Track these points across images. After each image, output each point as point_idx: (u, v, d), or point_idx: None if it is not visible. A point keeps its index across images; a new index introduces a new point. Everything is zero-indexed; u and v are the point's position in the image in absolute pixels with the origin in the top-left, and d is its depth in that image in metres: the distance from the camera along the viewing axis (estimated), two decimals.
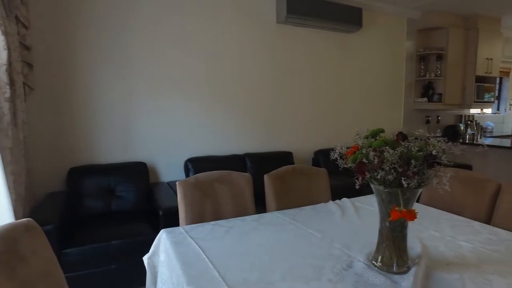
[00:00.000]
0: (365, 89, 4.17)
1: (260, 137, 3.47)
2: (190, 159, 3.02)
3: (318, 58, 3.74)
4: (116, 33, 2.75)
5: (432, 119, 4.90)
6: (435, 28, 4.49)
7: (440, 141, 0.97)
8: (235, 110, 3.32)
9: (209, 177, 1.76)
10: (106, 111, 2.77)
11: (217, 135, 3.26)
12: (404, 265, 1.11)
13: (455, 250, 1.29)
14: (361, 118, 4.14)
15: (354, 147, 1.06)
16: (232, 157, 3.16)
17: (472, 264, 1.17)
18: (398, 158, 0.93)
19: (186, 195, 1.68)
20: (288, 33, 3.52)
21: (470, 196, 1.85)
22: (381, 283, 1.03)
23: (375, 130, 1.06)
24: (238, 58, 3.28)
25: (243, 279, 1.06)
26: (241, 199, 1.78)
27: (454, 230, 1.49)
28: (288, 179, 1.88)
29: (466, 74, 4.71)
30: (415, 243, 1.32)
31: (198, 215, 1.69)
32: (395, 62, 4.41)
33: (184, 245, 1.34)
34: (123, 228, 2.28)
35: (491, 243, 1.35)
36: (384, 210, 1.06)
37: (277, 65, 3.50)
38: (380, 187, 1.01)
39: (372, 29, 4.09)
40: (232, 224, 1.55)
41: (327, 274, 1.08)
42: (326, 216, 1.66)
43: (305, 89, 3.70)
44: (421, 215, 1.69)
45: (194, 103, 3.12)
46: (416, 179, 0.95)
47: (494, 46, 4.76)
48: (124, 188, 2.66)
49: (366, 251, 1.23)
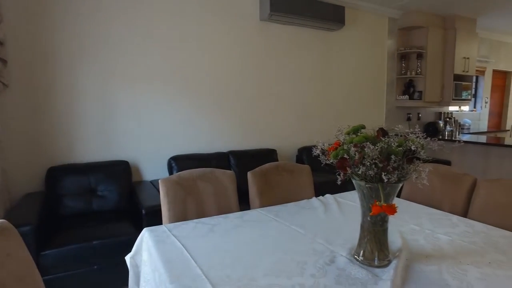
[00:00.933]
0: (348, 87, 4.22)
1: (244, 135, 3.47)
2: (173, 157, 2.99)
3: (301, 55, 3.76)
4: (96, 28, 2.68)
5: (413, 116, 5.01)
6: (415, 27, 4.59)
7: (419, 137, 0.99)
8: (219, 107, 3.30)
9: (192, 175, 1.75)
10: (86, 108, 2.71)
11: (201, 133, 3.23)
12: (385, 258, 1.13)
13: (433, 243, 1.32)
14: (344, 115, 4.19)
15: (335, 143, 1.07)
16: (216, 155, 3.14)
17: (450, 256, 1.21)
18: (379, 154, 0.95)
19: (168, 193, 1.66)
20: (272, 30, 3.52)
21: (448, 191, 1.90)
22: (362, 277, 1.05)
23: (356, 126, 1.07)
24: (222, 55, 3.26)
25: (226, 276, 1.06)
26: (225, 197, 1.77)
27: (433, 224, 1.53)
28: (272, 176, 1.89)
29: (444, 73, 4.84)
30: (396, 237, 1.35)
31: (181, 213, 1.67)
32: (377, 60, 4.48)
33: (167, 243, 1.32)
34: (104, 228, 2.24)
35: (467, 236, 1.39)
36: (366, 205, 1.07)
37: (261, 63, 3.49)
38: (362, 183, 1.02)
39: (355, 27, 4.14)
40: (215, 221, 1.54)
41: (310, 269, 1.09)
42: (309, 212, 1.67)
43: (289, 86, 3.72)
44: (402, 209, 1.74)
45: (178, 101, 3.09)
46: (396, 174, 0.97)
47: (470, 45, 4.91)
48: (106, 187, 2.61)
49: (348, 246, 1.25)
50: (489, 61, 6.13)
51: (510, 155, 3.74)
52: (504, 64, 6.47)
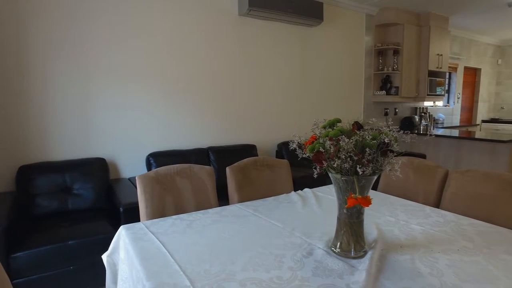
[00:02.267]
0: (327, 82, 4.27)
1: (224, 130, 3.45)
2: (152, 154, 2.94)
3: (281, 51, 3.77)
4: (69, 24, 2.58)
5: (390, 111, 5.13)
6: (391, 24, 4.69)
7: (392, 130, 1.02)
8: (198, 103, 3.27)
9: (170, 171, 1.72)
10: (61, 104, 2.62)
11: (180, 129, 3.19)
12: (361, 249, 1.15)
13: (407, 233, 1.36)
14: (323, 110, 4.24)
15: (312, 137, 1.08)
16: (196, 151, 3.11)
17: (422, 245, 1.25)
18: (354, 147, 0.96)
19: (146, 189, 1.64)
20: (250, 26, 3.50)
21: (422, 183, 1.96)
22: (339, 268, 1.07)
23: (332, 120, 1.09)
24: (200, 50, 3.22)
25: (204, 271, 1.06)
26: (203, 192, 1.76)
27: (408, 215, 1.58)
28: (250, 171, 1.89)
29: (420, 69, 4.98)
30: (372, 229, 1.39)
31: (159, 210, 1.65)
32: (355, 56, 4.56)
33: (144, 240, 1.30)
34: (81, 227, 2.18)
35: (438, 225, 1.44)
36: (342, 197, 1.09)
37: (240, 58, 3.48)
38: (337, 176, 1.04)
39: (333, 23, 4.19)
40: (194, 217, 1.53)
41: (287, 262, 1.10)
42: (288, 206, 1.69)
43: (268, 81, 3.72)
44: (379, 202, 1.78)
45: (156, 96, 3.03)
46: (371, 167, 0.99)
47: (443, 43, 5.07)
48: (82, 186, 2.54)
49: (325, 238, 1.27)
50: (461, 58, 6.35)
51: (479, 148, 3.90)
52: (474, 61, 6.73)
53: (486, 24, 5.71)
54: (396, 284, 0.98)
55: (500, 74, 7.40)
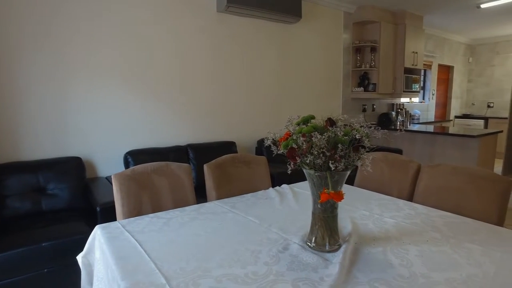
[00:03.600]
0: (306, 79, 4.31)
1: (203, 128, 3.43)
2: (130, 152, 2.89)
3: (260, 48, 3.78)
4: (45, 17, 2.49)
5: (368, 107, 5.24)
6: (368, 22, 4.78)
7: (363, 126, 1.05)
8: (176, 100, 3.23)
9: (147, 169, 1.70)
10: (34, 102, 2.53)
11: (158, 127, 3.15)
12: (336, 243, 1.18)
13: (381, 226, 1.41)
14: (302, 107, 4.28)
15: (286, 134, 1.09)
16: (174, 149, 3.09)
17: (394, 237, 1.29)
18: (326, 143, 0.98)
19: (122, 188, 1.61)
20: (229, 22, 3.49)
21: (396, 177, 2.02)
22: (313, 262, 1.09)
23: (306, 117, 1.10)
24: (178, 47, 3.18)
25: (180, 269, 1.06)
26: (181, 190, 1.75)
27: (381, 209, 1.62)
28: (228, 168, 1.89)
29: (396, 66, 5.11)
30: (346, 223, 1.42)
31: (136, 208, 1.63)
32: (333, 53, 4.62)
33: (120, 239, 1.29)
34: (55, 228, 2.12)
35: (410, 218, 1.49)
36: (316, 193, 1.11)
37: (218, 55, 3.46)
38: (311, 171, 1.06)
39: (312, 20, 4.22)
40: (171, 215, 1.53)
41: (263, 258, 1.12)
42: (266, 202, 1.70)
43: (247, 78, 3.72)
44: (354, 196, 1.82)
45: (134, 94, 2.98)
46: (343, 162, 1.02)
47: (418, 41, 5.21)
48: (57, 186, 2.47)
49: (301, 233, 1.29)
50: (435, 56, 6.55)
51: (452, 142, 4.05)
52: (448, 59, 6.96)
53: (458, 24, 5.92)
54: (368, 276, 1.01)
55: (471, 72, 7.69)
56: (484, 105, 7.42)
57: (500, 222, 1.51)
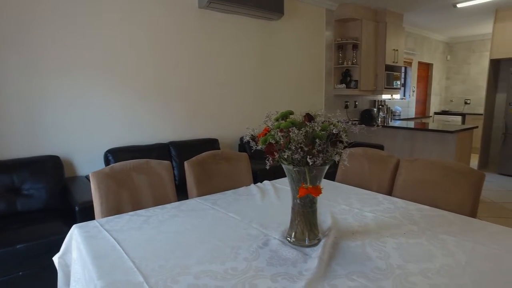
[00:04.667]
0: (289, 76, 4.33)
1: (185, 125, 3.40)
2: (110, 150, 2.84)
3: (242, 44, 3.76)
4: (16, 8, 2.40)
5: (350, 104, 5.31)
6: (350, 19, 4.83)
7: (340, 121, 1.06)
8: (159, 97, 3.19)
9: (126, 167, 1.67)
10: (8, 98, 2.44)
11: (140, 124, 3.10)
12: (315, 238, 1.19)
13: (360, 220, 1.43)
14: (285, 103, 4.30)
15: (265, 129, 1.09)
16: (156, 146, 3.04)
17: (373, 231, 1.31)
18: (304, 138, 0.99)
19: (100, 186, 1.58)
20: (211, 19, 3.46)
21: (376, 172, 2.05)
22: (293, 256, 1.10)
23: (284, 112, 1.11)
24: (159, 44, 3.13)
25: (159, 267, 1.04)
26: (161, 188, 1.73)
27: (361, 203, 1.65)
28: (209, 165, 1.88)
29: (377, 63, 5.19)
30: (327, 217, 1.44)
31: (115, 207, 1.60)
32: (316, 50, 4.65)
33: (98, 238, 1.26)
34: (31, 230, 2.06)
35: (389, 211, 1.52)
36: (295, 188, 1.12)
37: (200, 52, 3.43)
38: (290, 167, 1.06)
39: (294, 17, 4.23)
40: (151, 213, 1.51)
41: (243, 254, 1.11)
42: (247, 199, 1.70)
43: (230, 75, 3.71)
44: (335, 191, 1.84)
45: (114, 90, 2.91)
46: (321, 157, 1.02)
47: (398, 38, 5.31)
48: (33, 186, 2.40)
49: (282, 228, 1.30)
50: (415, 54, 6.69)
51: (431, 138, 4.16)
52: (427, 57, 7.12)
53: (436, 22, 6.06)
54: (346, 269, 1.02)
55: (450, 70, 7.89)
56: (462, 101, 7.64)
57: (473, 214, 1.56)
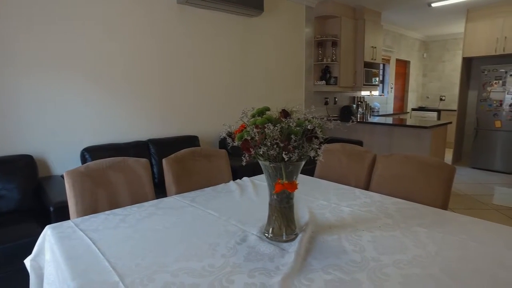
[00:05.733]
0: (269, 73, 4.34)
1: (165, 122, 3.36)
2: (87, 149, 2.77)
3: (222, 41, 3.74)
4: None
5: (330, 100, 5.38)
6: (329, 17, 4.88)
7: (315, 117, 1.07)
8: (137, 95, 3.13)
9: (102, 165, 1.64)
10: None
11: (118, 122, 3.04)
12: (292, 233, 1.21)
13: (337, 215, 1.45)
14: (265, 100, 4.31)
15: (241, 126, 1.09)
16: (135, 144, 2.99)
17: (349, 224, 1.34)
18: (279, 134, 0.99)
19: (75, 185, 1.54)
20: (190, 14, 3.42)
21: (354, 167, 2.09)
22: (270, 252, 1.11)
23: (261, 109, 1.11)
24: (137, 40, 3.07)
25: (135, 265, 1.03)
26: (139, 186, 1.70)
27: (339, 198, 1.67)
28: (188, 162, 1.87)
29: (356, 60, 5.27)
30: (304, 213, 1.45)
31: (91, 206, 1.56)
32: (296, 47, 4.67)
33: (73, 239, 1.23)
34: (3, 232, 1.99)
35: (365, 206, 1.56)
36: (272, 184, 1.13)
37: (180, 48, 3.39)
38: (266, 163, 1.07)
39: (274, 14, 4.24)
40: (128, 212, 1.48)
41: (221, 250, 1.12)
42: (226, 196, 1.70)
43: (210, 72, 3.68)
44: (314, 187, 1.87)
45: (91, 87, 2.84)
46: (297, 153, 1.03)
47: (377, 36, 5.41)
48: (4, 186, 2.31)
49: (260, 224, 1.31)
50: (393, 51, 6.84)
51: (408, 133, 4.27)
52: (405, 54, 7.29)
53: (412, 21, 6.21)
54: (322, 262, 1.04)
55: (426, 67, 8.12)
56: (437, 98, 7.88)
57: (445, 206, 1.62)
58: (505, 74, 4.98)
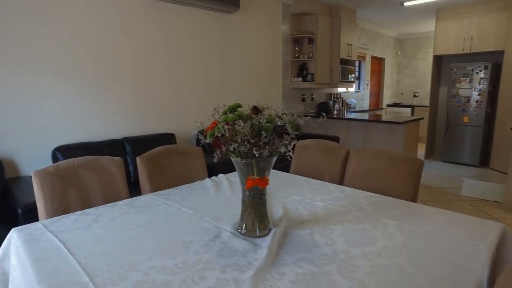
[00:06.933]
0: (246, 69, 4.34)
1: (140, 120, 3.29)
2: (58, 148, 2.68)
3: (198, 37, 3.70)
4: None
5: (307, 97, 5.43)
6: (306, 14, 4.93)
7: (285, 113, 1.08)
8: (112, 91, 3.05)
9: (73, 164, 1.60)
10: None
11: (92, 119, 2.96)
12: (265, 228, 1.22)
13: (310, 209, 1.48)
14: (243, 97, 4.30)
15: (213, 123, 1.09)
16: (109, 142, 2.92)
17: (322, 219, 1.37)
18: (250, 130, 1.00)
19: (44, 186, 1.49)
20: (163, 9, 3.36)
21: (328, 162, 2.13)
22: (243, 247, 1.12)
23: (232, 105, 1.11)
24: (110, 35, 2.99)
25: (106, 265, 1.02)
26: (113, 185, 1.67)
27: (313, 193, 1.70)
28: (162, 160, 1.85)
29: (332, 57, 5.35)
30: (278, 208, 1.47)
31: (61, 207, 1.52)
32: (273, 44, 4.69)
33: (40, 241, 1.20)
34: None
35: (338, 200, 1.59)
36: (244, 180, 1.14)
37: (156, 44, 3.33)
38: (238, 159, 1.07)
39: (250, 11, 4.23)
40: (100, 211, 1.45)
41: (194, 247, 1.12)
42: (201, 193, 1.70)
43: (187, 68, 3.64)
44: (288, 183, 1.89)
45: (63, 83, 2.74)
46: (268, 149, 1.05)
47: (352, 33, 5.51)
48: None
49: (234, 221, 1.31)
50: (368, 48, 6.98)
51: (383, 129, 4.38)
52: (380, 52, 7.47)
53: (386, 19, 6.37)
54: (294, 256, 1.06)
55: (400, 64, 8.35)
56: (411, 94, 8.12)
57: (414, 198, 1.68)
58: (472, 72, 5.20)
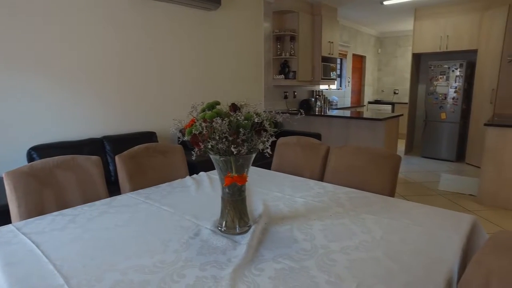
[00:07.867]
0: (228, 67, 4.32)
1: (120, 118, 3.23)
2: (34, 147, 2.59)
3: (179, 34, 3.66)
4: None
5: (289, 94, 5.46)
6: (287, 12, 4.94)
7: (265, 111, 1.09)
8: (91, 88, 2.98)
9: (48, 164, 1.55)
10: None
11: (70, 117, 2.88)
12: (245, 225, 1.22)
13: (291, 206, 1.49)
14: (224, 94, 4.29)
15: (191, 121, 1.09)
16: (89, 141, 2.85)
17: (302, 215, 1.39)
18: (228, 128, 1.00)
19: (17, 187, 1.45)
20: (147, 7, 3.30)
21: (308, 159, 2.16)
22: (223, 245, 1.12)
23: (211, 103, 1.11)
24: (89, 32, 2.91)
25: (83, 266, 1.00)
26: (91, 185, 1.63)
27: (293, 190, 1.72)
28: (142, 158, 1.82)
29: (314, 54, 5.39)
30: (258, 205, 1.48)
31: (37, 208, 1.48)
32: (255, 41, 4.69)
33: (12, 244, 1.16)
34: None
35: (318, 196, 1.61)
36: (223, 177, 1.13)
37: (133, 42, 3.26)
38: (216, 157, 1.07)
39: (232, 8, 4.21)
40: (78, 212, 1.42)
41: (173, 246, 1.11)
42: (182, 191, 1.69)
43: (167, 66, 3.59)
44: (269, 180, 1.90)
45: (40, 80, 2.65)
46: (246, 146, 1.05)
47: (333, 31, 5.57)
48: None
49: (214, 218, 1.31)
50: (349, 46, 7.07)
51: (364, 126, 4.46)
52: (361, 50, 7.58)
53: (366, 17, 6.46)
54: (273, 252, 1.07)
55: (380, 62, 8.50)
56: (391, 92, 8.29)
57: (392, 193, 1.72)
58: (448, 69, 5.35)
